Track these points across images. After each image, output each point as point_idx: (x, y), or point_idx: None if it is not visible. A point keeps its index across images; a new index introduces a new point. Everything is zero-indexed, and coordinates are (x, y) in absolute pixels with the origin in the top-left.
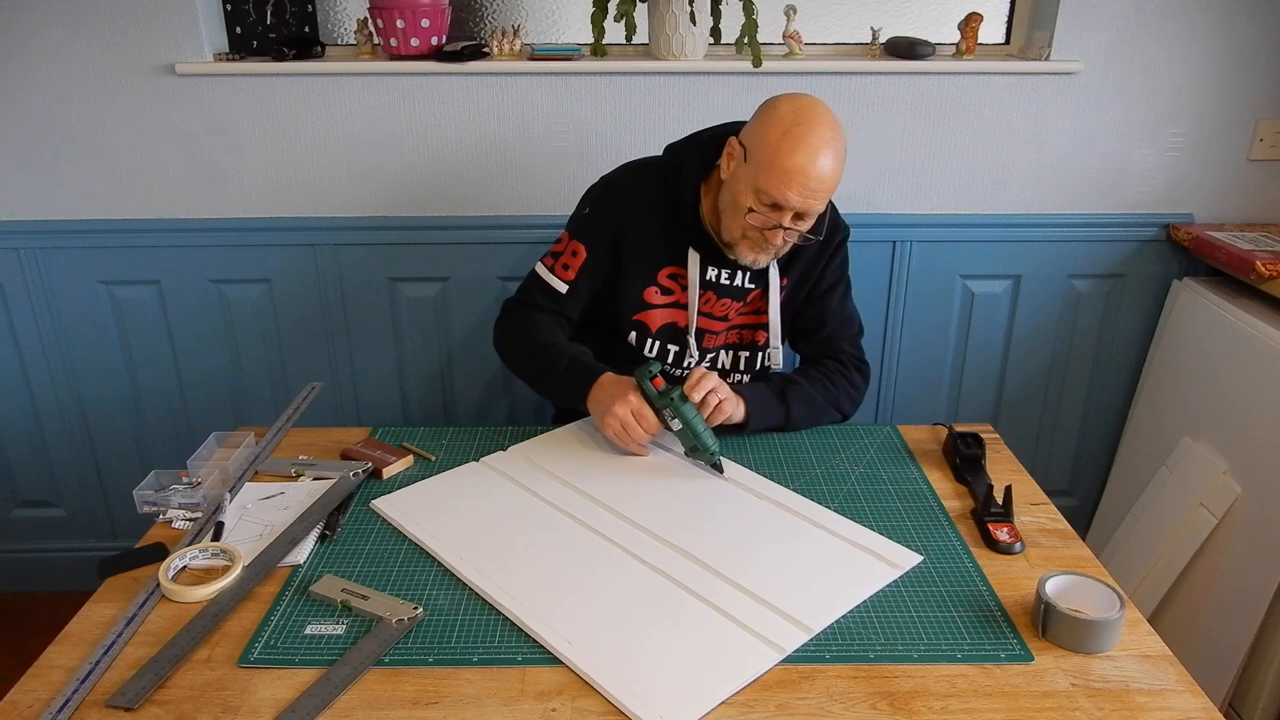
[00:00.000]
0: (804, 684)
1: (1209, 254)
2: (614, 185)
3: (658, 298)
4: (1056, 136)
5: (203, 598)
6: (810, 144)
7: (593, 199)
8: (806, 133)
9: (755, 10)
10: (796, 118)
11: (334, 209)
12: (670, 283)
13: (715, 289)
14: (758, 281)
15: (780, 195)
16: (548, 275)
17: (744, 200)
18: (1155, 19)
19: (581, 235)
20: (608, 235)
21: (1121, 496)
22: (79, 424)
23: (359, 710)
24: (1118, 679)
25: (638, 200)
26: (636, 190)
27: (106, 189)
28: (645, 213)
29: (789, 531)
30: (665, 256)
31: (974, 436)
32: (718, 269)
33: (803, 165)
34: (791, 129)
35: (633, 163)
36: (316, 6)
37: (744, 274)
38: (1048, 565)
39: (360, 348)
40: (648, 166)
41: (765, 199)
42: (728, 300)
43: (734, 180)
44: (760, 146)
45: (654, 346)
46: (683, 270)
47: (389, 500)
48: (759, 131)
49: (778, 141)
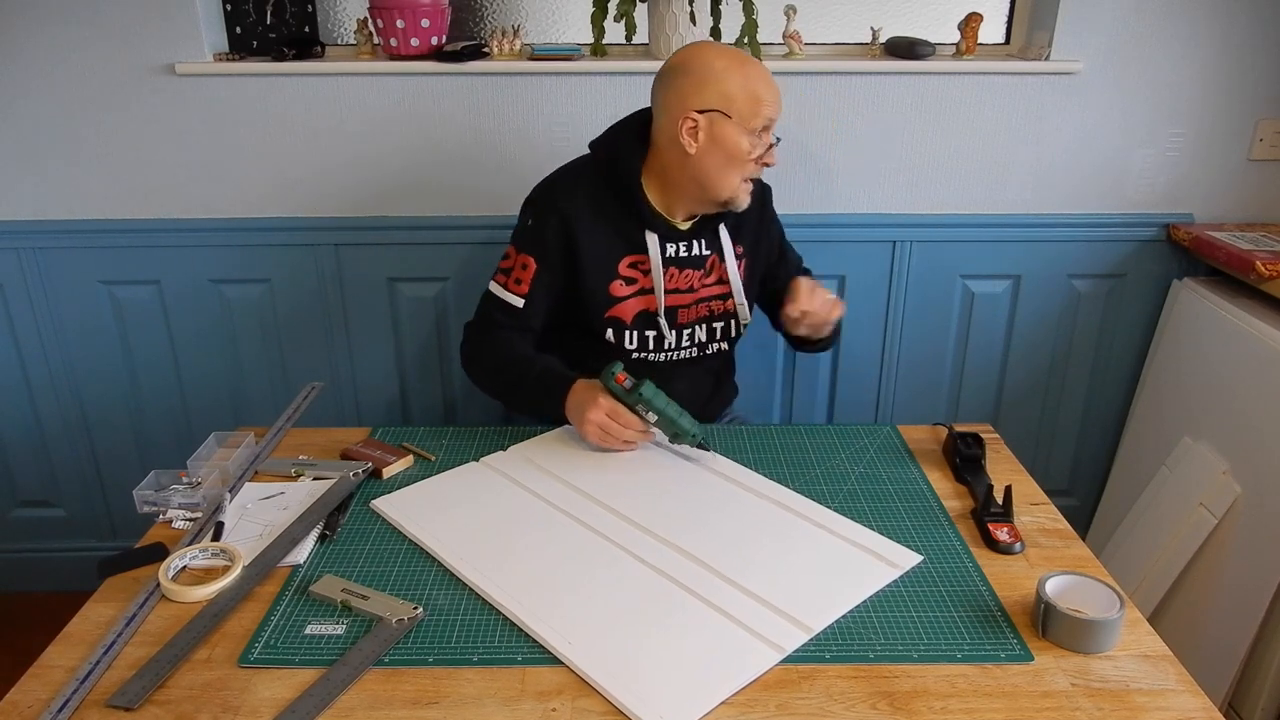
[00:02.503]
0: (804, 684)
1: (1209, 254)
2: (552, 190)
3: (623, 289)
4: (1056, 136)
5: (203, 598)
6: (756, 63)
7: (533, 209)
8: (749, 59)
9: (755, 10)
10: (728, 58)
11: (334, 209)
12: (632, 271)
13: (676, 263)
14: (712, 247)
15: (771, 112)
16: (502, 293)
17: (744, 145)
18: (1155, 19)
19: (528, 247)
20: (557, 241)
21: (1121, 496)
22: (79, 424)
23: (359, 710)
24: (1118, 679)
25: (579, 200)
26: (575, 190)
27: (106, 189)
28: (590, 210)
29: (789, 531)
30: (621, 247)
31: (974, 436)
32: (675, 244)
33: (768, 78)
34: (742, 65)
35: (563, 167)
36: (316, 6)
37: (700, 242)
38: (1048, 565)
39: (360, 348)
40: (579, 166)
41: (757, 126)
42: (689, 270)
43: (721, 140)
44: (733, 95)
45: (632, 337)
46: (641, 256)
47: (389, 500)
48: (720, 88)
49: (740, 81)
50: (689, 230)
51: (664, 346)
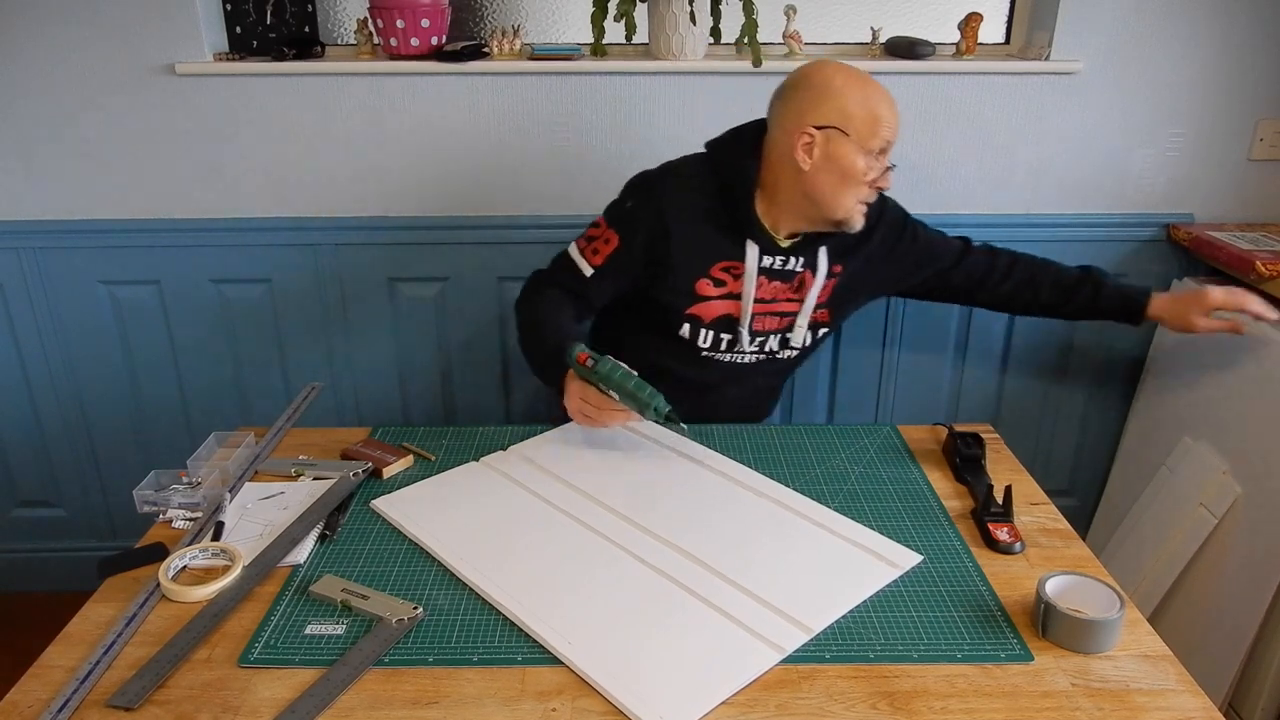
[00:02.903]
0: (804, 684)
1: (1209, 254)
2: (662, 183)
3: (711, 290)
4: (1056, 136)
5: (203, 598)
6: (871, 84)
7: (637, 194)
8: (869, 80)
9: (755, 10)
10: (848, 75)
11: (334, 209)
12: (723, 274)
13: (767, 274)
14: (809, 264)
15: (889, 134)
16: (577, 257)
17: (859, 165)
18: (1155, 19)
19: (619, 225)
20: (648, 231)
21: (1121, 496)
22: (79, 424)
23: (359, 710)
24: (1118, 679)
25: (687, 197)
26: (685, 189)
27: (106, 189)
28: (694, 211)
29: (789, 531)
30: (718, 251)
31: (974, 436)
32: (772, 256)
33: (888, 101)
34: (863, 85)
35: (678, 161)
36: (316, 6)
37: (796, 259)
38: (1048, 565)
39: (360, 348)
40: (694, 163)
41: (875, 148)
42: (777, 283)
43: (836, 158)
44: (850, 115)
45: (707, 336)
46: (735, 263)
47: (389, 500)
48: (839, 105)
49: (862, 100)
50: (788, 246)
51: (735, 349)
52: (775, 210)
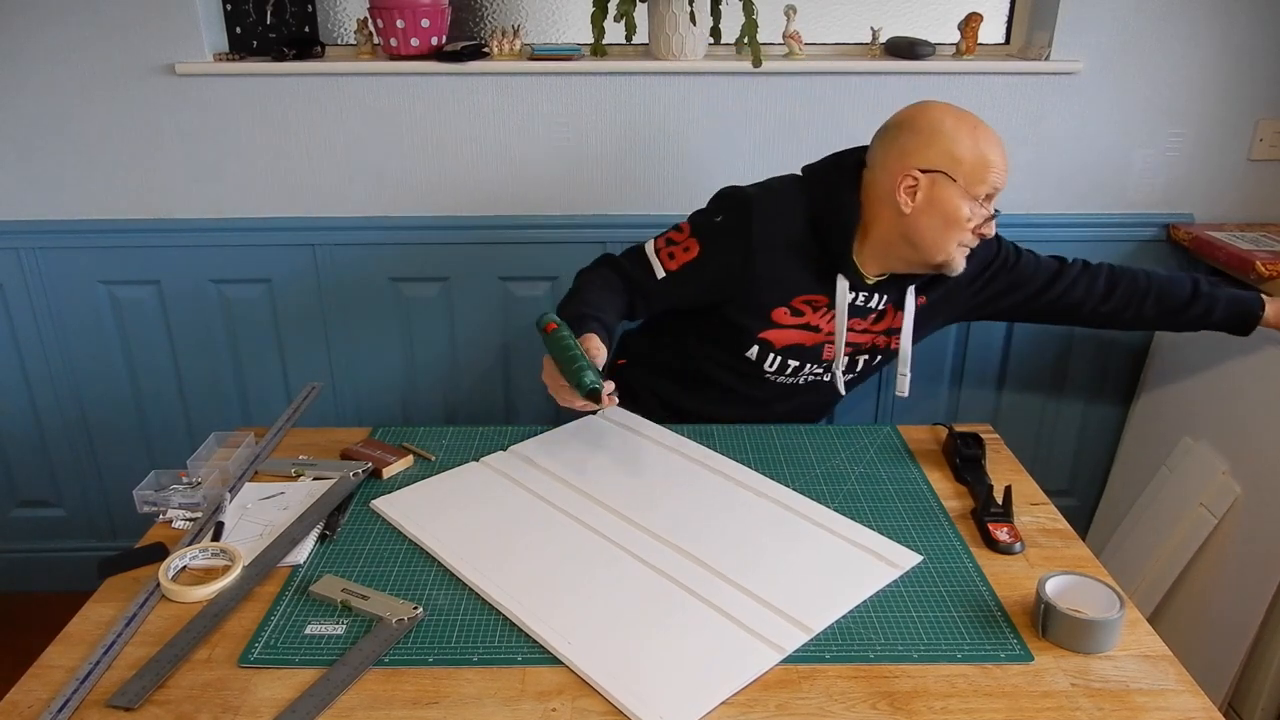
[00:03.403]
0: (804, 684)
1: (1209, 254)
2: (755, 206)
3: (788, 319)
4: (1056, 136)
5: (203, 598)
6: (982, 128)
7: (729, 213)
8: (974, 123)
9: (755, 10)
10: (958, 118)
11: (334, 209)
12: (803, 306)
13: (852, 310)
14: (895, 303)
15: (998, 181)
16: (652, 255)
17: (964, 212)
18: (1155, 19)
19: (703, 237)
20: (731, 253)
21: (1121, 496)
22: (79, 424)
23: (359, 710)
24: (1118, 679)
25: (777, 226)
26: (779, 215)
27: (106, 189)
28: (784, 239)
29: (789, 531)
30: (803, 284)
31: (974, 436)
32: (855, 293)
33: (998, 146)
34: (966, 129)
35: (772, 182)
36: (316, 6)
37: (880, 297)
38: (1048, 565)
39: (360, 348)
40: (790, 190)
41: (980, 194)
42: (857, 320)
43: (940, 203)
44: (959, 158)
45: (774, 361)
46: (819, 296)
47: (389, 500)
48: (943, 147)
49: (971, 145)
50: (874, 284)
51: (799, 374)
52: (866, 248)
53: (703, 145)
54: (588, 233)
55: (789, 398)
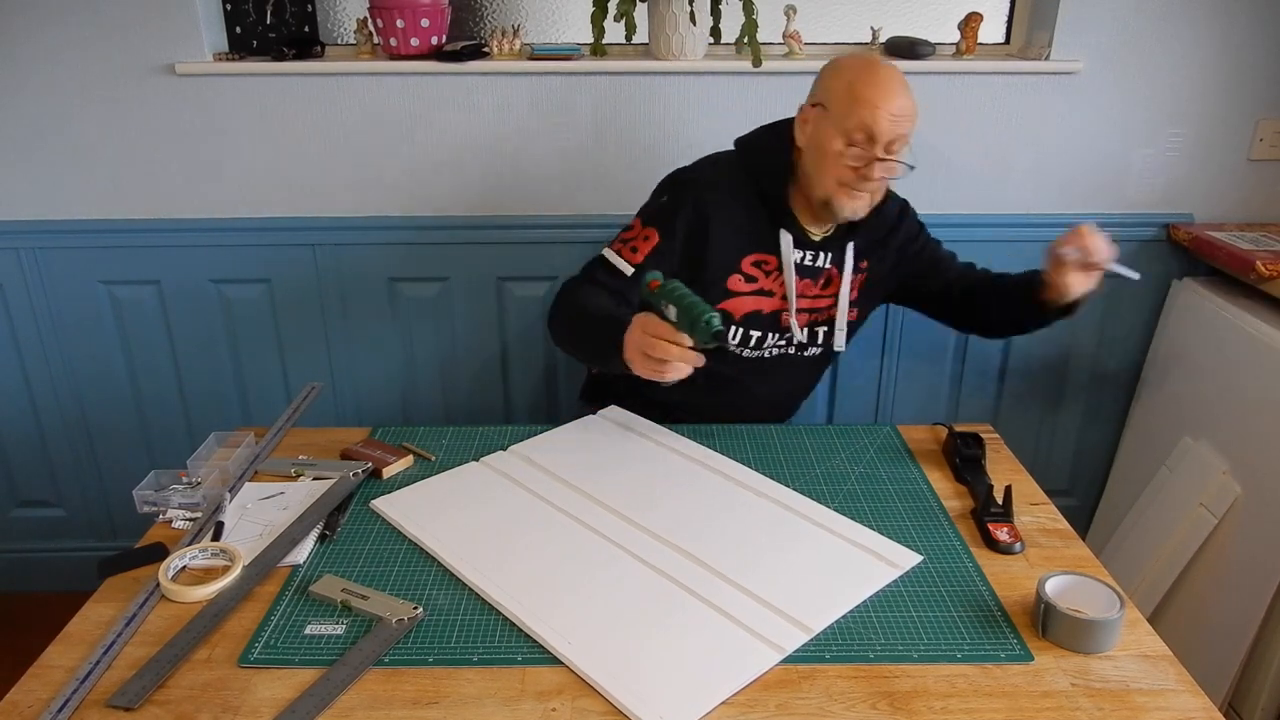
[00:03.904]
0: (804, 684)
1: (1209, 254)
2: (696, 176)
3: (742, 285)
4: (1056, 136)
5: (203, 598)
6: (886, 75)
7: (673, 190)
8: (875, 68)
9: (755, 10)
10: (862, 61)
11: (334, 209)
12: (754, 270)
13: (798, 269)
14: (836, 261)
15: (873, 122)
16: (615, 258)
17: (833, 146)
18: (1155, 19)
19: (657, 222)
20: (687, 224)
21: (1121, 496)
22: (79, 424)
23: (359, 710)
24: (1118, 679)
25: (719, 190)
26: (717, 180)
27: (106, 189)
28: (729, 201)
29: (789, 531)
30: (751, 243)
31: (974, 436)
32: (802, 250)
33: (888, 91)
34: (861, 69)
35: (710, 156)
36: (316, 6)
37: (825, 254)
38: (1048, 565)
39: (360, 348)
40: (724, 158)
41: (857, 135)
42: (807, 280)
43: (817, 134)
44: (837, 92)
45: (737, 333)
46: (767, 256)
47: (389, 500)
48: (830, 84)
49: (853, 80)
50: (820, 242)
51: (763, 345)
52: (800, 200)
53: (703, 145)
54: (588, 233)
55: (762, 375)
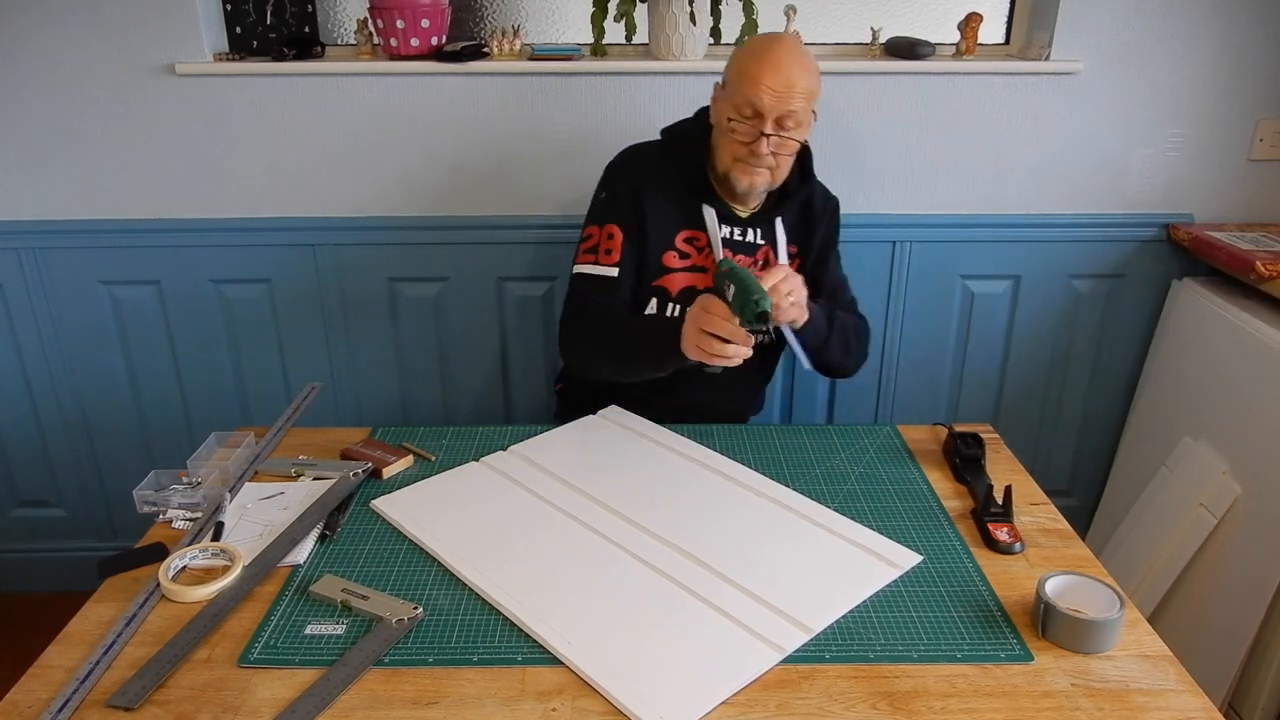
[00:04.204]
0: (804, 684)
1: (1209, 254)
2: (623, 162)
3: (676, 261)
4: (1056, 136)
5: (203, 598)
6: (773, 50)
7: (608, 182)
8: (769, 44)
9: (755, 10)
10: (760, 39)
11: (334, 209)
12: (687, 246)
13: (730, 245)
14: (767, 238)
15: (755, 97)
16: (594, 269)
17: (723, 119)
18: (1155, 19)
19: (610, 217)
20: (631, 209)
21: (1121, 496)
22: (79, 424)
23: (359, 710)
24: (1118, 679)
25: (647, 171)
26: (644, 162)
27: (106, 189)
28: (656, 180)
29: (789, 531)
30: (681, 219)
31: (974, 436)
32: (730, 226)
33: (770, 66)
34: (756, 46)
35: (632, 145)
36: (316, 6)
37: (754, 231)
38: (1048, 565)
39: (360, 348)
40: (647, 144)
41: (745, 109)
42: (742, 256)
43: (715, 111)
44: (732, 70)
45: (674, 311)
46: (697, 232)
47: (389, 500)
48: (730, 62)
49: (745, 58)
50: (746, 218)
51: None
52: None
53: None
54: None
55: None
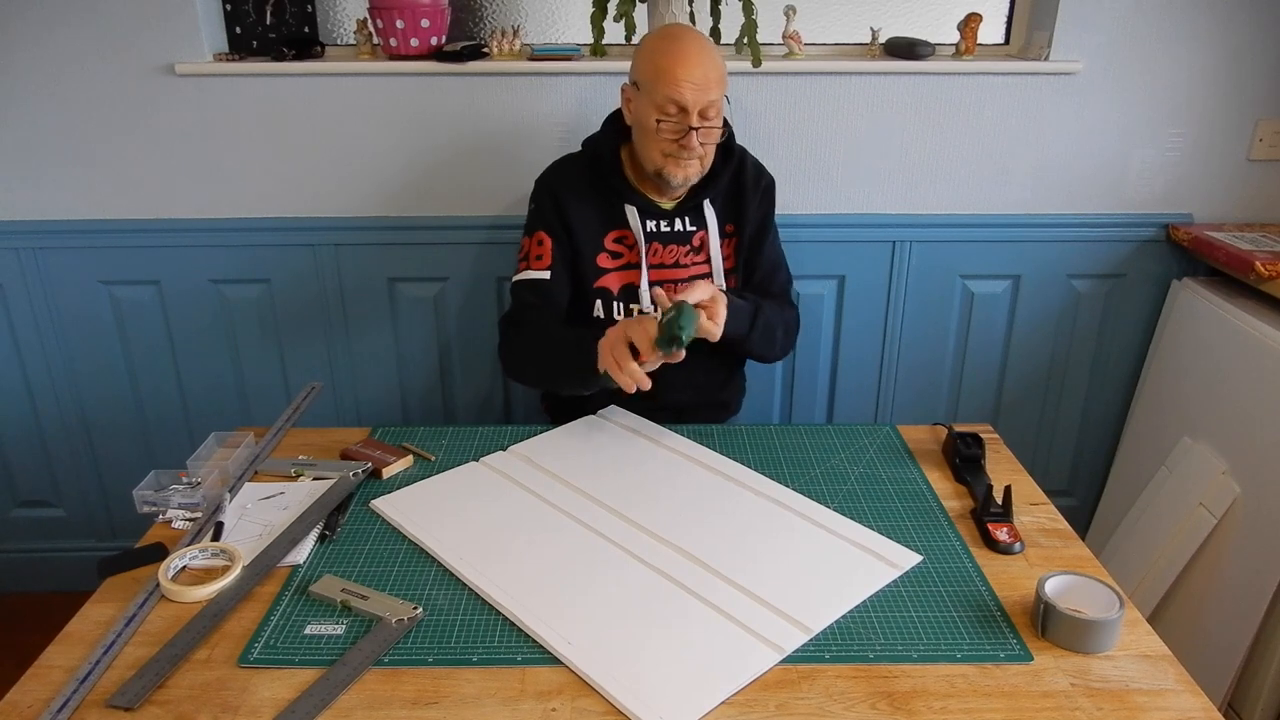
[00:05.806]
0: (804, 684)
1: (1208, 254)
2: (546, 174)
3: (609, 262)
4: (1056, 136)
5: (203, 598)
6: (682, 46)
7: (535, 195)
8: (676, 40)
9: (755, 10)
10: (662, 35)
11: (334, 209)
12: (617, 245)
13: (659, 238)
14: (697, 223)
15: (678, 94)
16: (527, 274)
17: (649, 120)
18: (1155, 19)
19: (539, 226)
20: (557, 217)
21: (1121, 496)
22: (79, 424)
23: (359, 710)
24: (1117, 679)
25: (568, 179)
26: (565, 171)
27: (106, 189)
28: (578, 187)
29: (789, 531)
30: (607, 221)
31: (974, 436)
32: (655, 219)
33: (684, 62)
34: (660, 44)
35: (557, 158)
36: (316, 6)
37: (682, 219)
38: (1047, 565)
39: (360, 348)
40: (569, 155)
41: (668, 108)
42: (674, 246)
43: (636, 112)
44: (644, 70)
45: (619, 309)
46: (624, 231)
47: (388, 500)
48: (639, 61)
49: (655, 57)
50: (672, 209)
51: None
52: (643, 174)
53: None
54: None
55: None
